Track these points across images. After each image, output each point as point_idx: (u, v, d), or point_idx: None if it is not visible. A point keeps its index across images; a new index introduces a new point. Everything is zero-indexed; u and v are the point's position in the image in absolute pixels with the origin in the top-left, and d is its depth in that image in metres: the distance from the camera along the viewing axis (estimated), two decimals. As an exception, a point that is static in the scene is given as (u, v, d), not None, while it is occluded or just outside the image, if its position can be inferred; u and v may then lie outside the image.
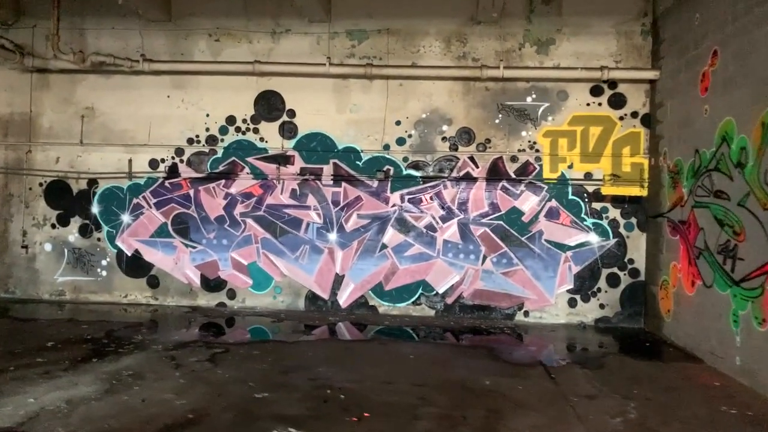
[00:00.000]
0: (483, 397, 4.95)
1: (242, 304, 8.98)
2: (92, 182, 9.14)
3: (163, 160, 9.05)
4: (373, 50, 8.74)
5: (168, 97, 9.04)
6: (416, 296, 8.73)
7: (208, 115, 8.99)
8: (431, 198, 8.70)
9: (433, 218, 8.68)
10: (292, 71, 8.61)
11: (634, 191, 8.40)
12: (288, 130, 8.90)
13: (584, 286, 8.50)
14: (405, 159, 8.75)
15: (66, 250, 9.17)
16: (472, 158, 8.64)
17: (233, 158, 8.97)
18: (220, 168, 8.99)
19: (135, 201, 9.07)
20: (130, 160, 9.05)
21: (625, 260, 8.46)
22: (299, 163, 8.88)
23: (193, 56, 8.97)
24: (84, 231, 9.13)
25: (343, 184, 8.80)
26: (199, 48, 8.99)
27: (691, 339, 6.76)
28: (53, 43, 8.43)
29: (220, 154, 8.99)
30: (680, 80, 7.26)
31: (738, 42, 5.90)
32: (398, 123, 8.75)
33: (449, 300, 8.68)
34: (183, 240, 9.00)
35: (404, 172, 8.74)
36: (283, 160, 8.89)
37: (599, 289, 8.49)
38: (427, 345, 7.04)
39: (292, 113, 8.88)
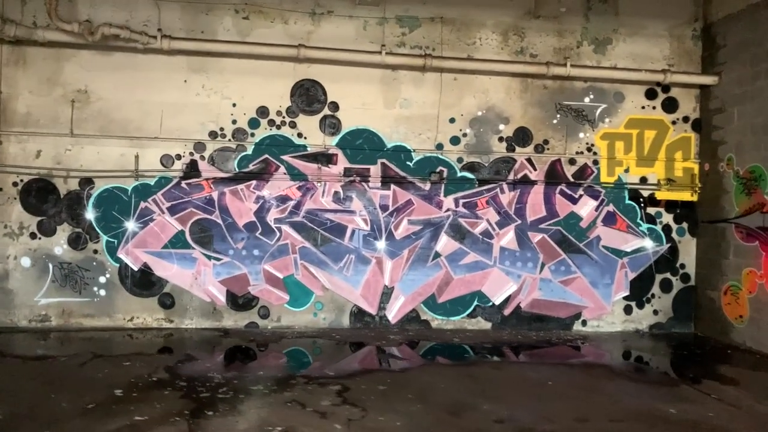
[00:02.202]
0: (700, 430, 4.48)
1: (277, 323, 7.80)
2: (86, 182, 7.48)
3: (179, 157, 7.62)
4: (425, 39, 7.95)
5: (185, 81, 7.62)
6: (471, 308, 8.08)
7: (234, 105, 7.69)
8: (487, 202, 8.09)
9: (489, 224, 8.08)
10: (343, 59, 7.58)
11: (686, 196, 8.36)
12: (330, 126, 7.85)
13: (639, 293, 8.33)
14: (459, 160, 8.06)
15: (51, 266, 7.43)
16: (529, 160, 8.15)
17: (266, 156, 7.76)
18: (250, 167, 7.74)
19: (143, 205, 7.55)
20: (136, 156, 7.51)
21: (677, 265, 8.41)
22: (343, 162, 7.87)
23: (215, 35, 7.62)
24: (76, 242, 7.45)
25: (392, 186, 7.93)
26: (224, 26, 7.66)
27: (783, 346, 6.77)
28: (51, 8, 6.74)
29: (249, 150, 7.73)
30: (759, 87, 7.25)
31: None
32: (452, 120, 8.03)
33: (506, 311, 8.14)
34: (205, 251, 7.64)
35: (459, 174, 8.05)
36: (324, 159, 7.83)
37: (653, 295, 8.38)
38: (542, 366, 6.35)
39: (334, 106, 7.84)
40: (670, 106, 8.35)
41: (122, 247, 7.51)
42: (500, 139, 8.12)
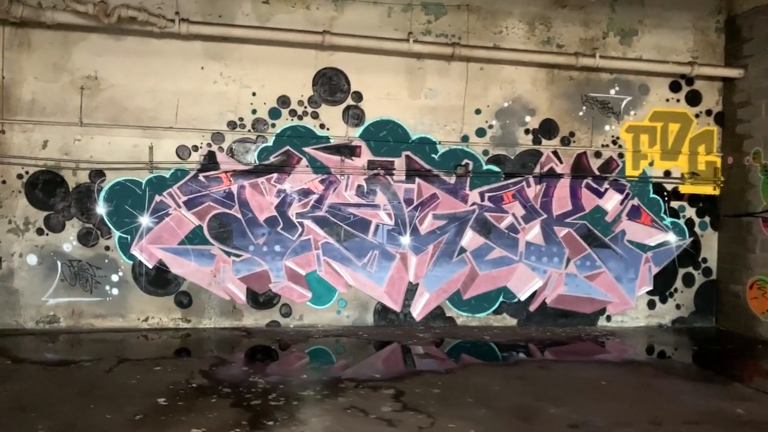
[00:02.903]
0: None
1: (299, 321, 7.50)
2: (96, 174, 7.04)
3: (195, 148, 7.22)
4: (451, 28, 7.69)
5: (202, 69, 7.21)
6: (497, 305, 7.90)
7: (254, 94, 7.32)
8: (513, 196, 7.90)
9: (515, 218, 7.90)
10: (369, 46, 7.27)
11: (708, 190, 8.31)
12: (353, 117, 7.54)
13: (663, 287, 8.27)
14: (485, 152, 7.84)
15: (59, 264, 6.98)
16: (555, 153, 7.98)
17: (287, 147, 7.42)
18: (271, 159, 7.39)
19: (158, 199, 7.14)
20: (150, 147, 7.09)
21: (699, 260, 8.37)
22: (366, 155, 7.58)
23: (234, 19, 7.23)
24: (86, 238, 7.01)
25: (417, 179, 7.67)
26: (243, 10, 7.26)
27: (816, 340, 6.76)
28: (63, -13, 6.28)
29: (270, 142, 7.38)
30: (791, 80, 7.21)
31: None
32: (478, 112, 7.80)
33: (532, 307, 7.98)
34: (224, 247, 7.28)
35: (484, 167, 7.84)
36: (347, 151, 7.53)
37: (676, 290, 8.32)
38: (587, 365, 6.17)
39: (358, 96, 7.53)
40: (693, 99, 8.27)
41: (136, 243, 7.09)
42: (526, 132, 7.92)
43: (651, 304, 8.26)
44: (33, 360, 5.71)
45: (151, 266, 7.13)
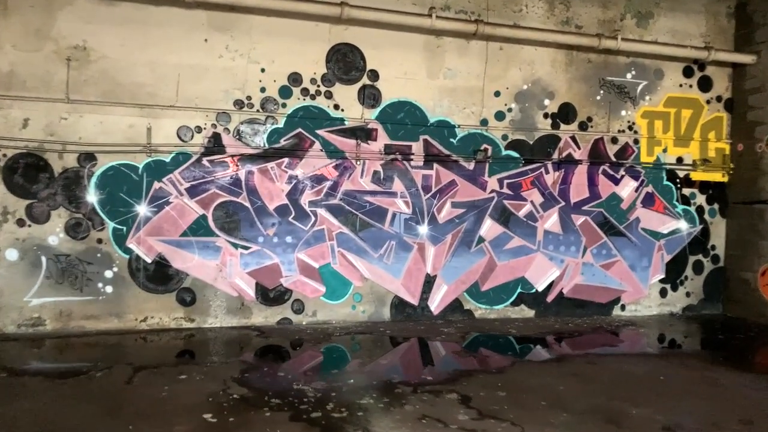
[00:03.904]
0: None
1: (313, 318, 6.95)
2: (87, 158, 6.23)
3: (198, 129, 6.52)
4: (471, 4, 7.25)
5: (205, 41, 6.50)
6: (515, 296, 7.60)
7: (263, 71, 6.67)
8: (532, 183, 7.59)
9: (533, 206, 7.60)
10: (389, 20, 6.73)
11: (718, 177, 8.27)
12: (369, 97, 7.01)
13: (674, 275, 8.19)
14: (504, 137, 7.48)
15: (44, 259, 6.15)
16: (573, 138, 7.72)
17: (299, 130, 6.82)
18: (282, 142, 6.77)
19: (157, 185, 6.41)
20: (149, 128, 6.34)
21: (708, 247, 8.34)
22: (383, 138, 7.07)
23: (240, -13, 6.54)
24: (75, 230, 6.21)
25: (435, 165, 7.24)
26: (250, -23, 6.58)
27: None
28: (54, -59, 5.43)
29: (281, 123, 6.76)
30: (810, 66, 7.19)
31: None
32: (497, 94, 7.43)
33: (549, 298, 7.73)
34: (230, 238, 6.63)
35: (503, 153, 7.49)
36: (363, 134, 7.00)
37: (686, 277, 8.27)
38: (631, 358, 5.90)
39: (374, 75, 7.00)
40: (704, 84, 8.19)
41: (133, 235, 6.35)
42: (545, 116, 7.62)
43: (663, 292, 8.18)
44: (32, 371, 4.95)
45: (149, 260, 6.40)
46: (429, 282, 7.29)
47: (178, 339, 6.20)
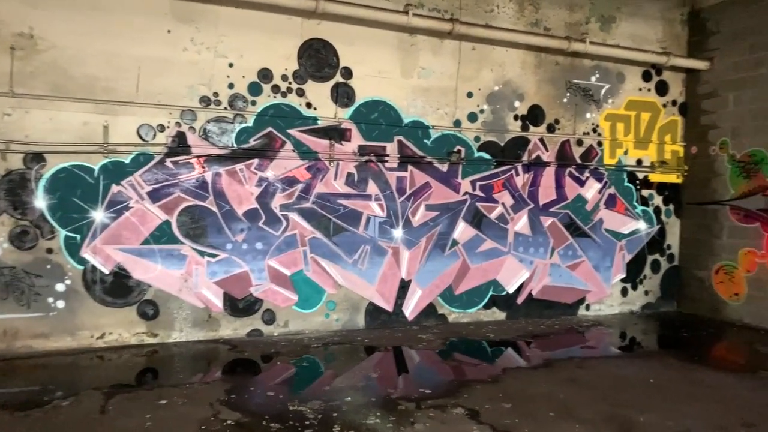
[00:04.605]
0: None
1: (284, 328, 6.58)
2: (34, 159, 5.58)
3: (161, 128, 6.00)
4: (444, 2, 7.09)
5: (168, 32, 5.98)
6: (487, 298, 7.54)
7: (231, 66, 6.23)
8: (503, 185, 7.55)
9: (504, 208, 7.56)
10: (365, 16, 6.44)
11: (673, 178, 8.56)
12: (343, 95, 6.71)
13: (634, 274, 8.40)
14: (476, 138, 7.39)
15: (-16, 272, 5.47)
16: (542, 140, 7.73)
17: (269, 129, 6.42)
18: (251, 142, 6.35)
19: (115, 189, 5.84)
20: (105, 126, 5.76)
21: (664, 246, 8.61)
22: (357, 139, 6.79)
23: (206, -25, 6.07)
24: (21, 239, 5.55)
25: (409, 167, 7.04)
26: (217, -36, 6.12)
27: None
28: None
29: (250, 122, 6.34)
30: (761, 74, 7.51)
31: None
32: (470, 95, 7.32)
33: (519, 300, 7.72)
34: (196, 246, 6.15)
35: (476, 154, 7.39)
36: (336, 134, 6.69)
37: (645, 276, 8.51)
38: (618, 360, 6.03)
39: (347, 73, 6.71)
40: (662, 88, 8.44)
41: (88, 244, 5.76)
42: (515, 117, 7.58)
43: (624, 291, 8.38)
44: (-15, 405, 4.34)
45: (107, 271, 5.83)
46: (403, 287, 7.09)
47: (139, 356, 5.67)
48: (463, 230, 7.33)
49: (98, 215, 5.78)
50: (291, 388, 4.89)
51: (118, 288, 5.89)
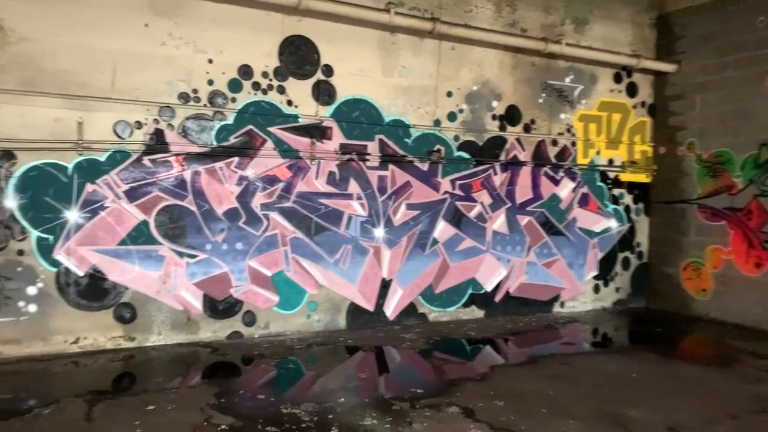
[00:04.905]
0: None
1: (265, 330, 6.47)
2: (4, 156, 5.32)
3: (139, 125, 5.81)
4: (424, 1, 7.09)
5: (146, 26, 5.79)
6: (466, 297, 7.58)
7: (211, 62, 6.08)
8: (482, 184, 7.60)
9: (483, 207, 7.62)
10: (347, 14, 6.38)
11: (643, 178, 8.79)
12: (324, 93, 6.64)
13: (606, 272, 8.59)
14: (456, 138, 7.42)
15: (-50, 276, 5.19)
16: (518, 140, 7.82)
17: (250, 127, 6.30)
18: (231, 140, 6.22)
19: (90, 188, 5.63)
20: (80, 122, 5.54)
21: (634, 244, 8.84)
22: (338, 137, 6.73)
23: (185, -32, 5.91)
24: (-10, 240, 5.30)
25: (390, 166, 7.02)
26: (196, -42, 5.96)
27: (754, 315, 7.42)
28: None
29: (230, 119, 6.20)
30: (728, 77, 7.78)
31: None
32: (449, 95, 7.34)
33: (497, 298, 7.79)
34: (175, 246, 5.98)
35: (455, 154, 7.42)
36: (318, 133, 6.62)
37: (616, 273, 8.71)
38: (600, 356, 6.16)
39: (328, 70, 6.64)
40: (632, 90, 8.65)
41: (61, 245, 5.53)
42: (493, 117, 7.65)
43: (596, 288, 8.55)
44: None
45: (82, 274, 5.61)
46: (384, 286, 7.06)
47: (116, 361, 5.47)
48: (443, 229, 7.35)
49: (72, 215, 5.56)
50: (281, 390, 4.81)
51: (94, 291, 5.68)
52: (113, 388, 4.77)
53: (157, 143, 5.87)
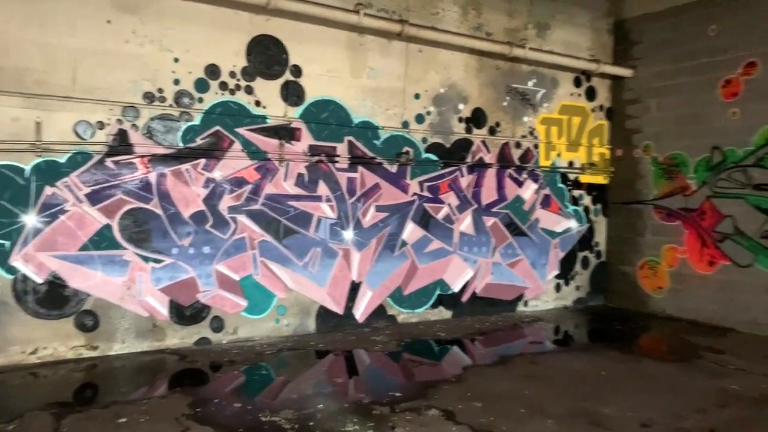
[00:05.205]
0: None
1: (234, 335, 6.33)
2: (-46, 157, 5.04)
3: (101, 125, 5.58)
4: (392, 3, 7.08)
5: (109, 22, 5.57)
6: (434, 298, 7.63)
7: (177, 60, 5.90)
8: (449, 186, 7.66)
9: (450, 208, 7.68)
10: (316, 14, 6.31)
11: (601, 179, 9.05)
12: (293, 94, 6.54)
13: (566, 271, 8.80)
14: (424, 140, 7.45)
15: None
16: (484, 142, 7.92)
17: (217, 128, 6.15)
18: (198, 141, 6.06)
19: (49, 191, 5.37)
20: (38, 122, 5.29)
21: (593, 243, 9.08)
22: (307, 138, 6.65)
23: (149, -37, 5.72)
24: (-60, 246, 4.99)
25: (359, 168, 6.99)
26: (161, -47, 5.78)
27: (707, 311, 7.75)
28: None
29: (197, 120, 6.04)
30: (682, 83, 8.08)
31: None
32: (417, 97, 7.36)
33: (464, 298, 7.87)
34: (140, 251, 5.79)
35: (423, 156, 7.45)
36: (286, 134, 6.52)
37: (576, 272, 8.93)
38: (566, 354, 6.26)
39: (297, 71, 6.55)
40: (590, 94, 8.88)
41: (18, 251, 5.26)
42: (459, 120, 7.71)
43: (558, 287, 8.75)
44: None
45: (40, 280, 5.36)
46: (354, 289, 7.03)
47: (78, 371, 5.25)
48: (411, 231, 7.37)
49: (30, 219, 5.29)
50: (257, 397, 4.70)
51: (53, 298, 5.42)
52: (79, 401, 4.56)
53: (121, 144, 5.66)
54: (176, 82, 5.91)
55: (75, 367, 5.36)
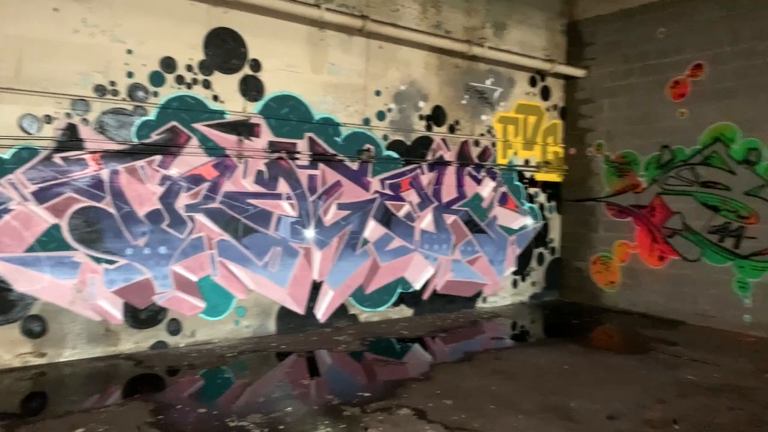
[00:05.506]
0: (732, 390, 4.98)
1: (192, 338, 6.11)
2: None
3: (49, 119, 5.27)
4: (352, -1, 7.01)
5: (55, 10, 5.26)
6: (395, 296, 7.59)
7: (130, 52, 5.64)
8: (410, 183, 7.64)
9: (411, 206, 7.66)
10: (276, 7, 6.16)
11: (555, 177, 9.23)
12: (252, 88, 6.37)
13: (523, 267, 8.94)
14: (385, 137, 7.40)
15: None
16: (444, 140, 7.94)
17: (173, 123, 5.91)
18: (153, 137, 5.81)
19: (-8, 189, 5.04)
20: (-21, 115, 4.95)
21: (547, 240, 9.26)
22: (266, 135, 6.49)
23: (100, -51, 5.43)
24: None
25: (320, 165, 6.87)
26: (113, -62, 5.50)
27: (658, 305, 8.02)
28: None
29: (152, 115, 5.79)
30: (632, 84, 8.33)
31: (742, 60, 7.19)
32: (378, 93, 7.30)
33: (425, 296, 7.87)
34: (92, 252, 5.50)
35: (384, 153, 7.40)
36: (245, 130, 6.34)
37: (531, 268, 9.08)
38: (530, 349, 6.32)
39: (256, 65, 6.37)
40: (545, 94, 9.04)
41: (-43, 253, 4.91)
42: (420, 117, 7.70)
43: (515, 283, 8.87)
44: None
45: (-17, 285, 5.02)
46: (315, 288, 6.91)
47: (25, 380, 4.94)
48: (373, 229, 7.31)
49: (-29, 219, 4.95)
50: (222, 402, 4.53)
51: (-3, 303, 5.09)
52: (30, 411, 4.28)
53: (70, 139, 5.36)
54: (130, 74, 5.64)
55: (22, 375, 5.05)
